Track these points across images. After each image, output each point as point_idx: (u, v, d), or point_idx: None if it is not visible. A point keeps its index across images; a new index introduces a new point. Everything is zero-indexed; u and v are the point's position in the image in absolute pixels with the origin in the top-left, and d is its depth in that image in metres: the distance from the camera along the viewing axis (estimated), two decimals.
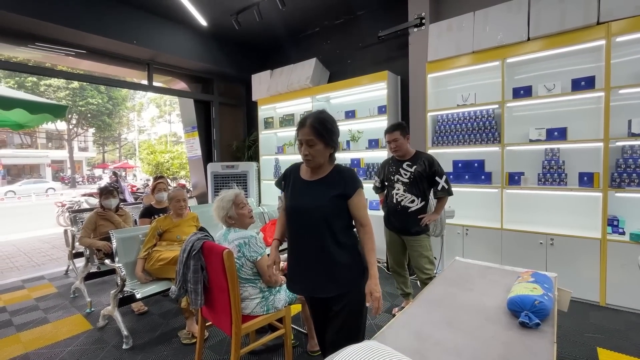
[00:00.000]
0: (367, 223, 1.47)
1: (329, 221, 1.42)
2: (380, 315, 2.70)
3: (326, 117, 1.44)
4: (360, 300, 1.45)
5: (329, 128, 1.42)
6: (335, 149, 1.47)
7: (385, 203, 2.66)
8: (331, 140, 1.43)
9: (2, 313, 2.95)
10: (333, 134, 1.43)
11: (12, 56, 5.64)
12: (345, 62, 4.94)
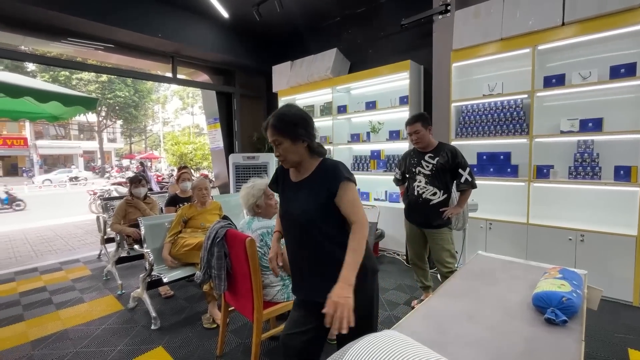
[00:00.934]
0: (357, 220, 1.25)
1: (320, 225, 1.29)
2: (399, 306, 2.71)
3: (285, 111, 1.31)
4: (367, 304, 1.33)
5: (290, 121, 1.27)
6: (308, 140, 1.29)
7: (405, 195, 2.63)
8: (295, 133, 1.26)
9: (43, 292, 3.18)
10: (296, 125, 1.27)
11: (47, 51, 5.94)
12: (366, 51, 4.85)
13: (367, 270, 1.30)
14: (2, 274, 3.74)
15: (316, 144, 1.33)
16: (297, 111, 1.31)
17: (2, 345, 2.27)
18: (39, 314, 2.73)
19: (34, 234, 6.10)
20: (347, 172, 1.29)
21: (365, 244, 1.25)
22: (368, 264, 1.31)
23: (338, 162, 1.32)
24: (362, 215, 1.26)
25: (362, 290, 1.24)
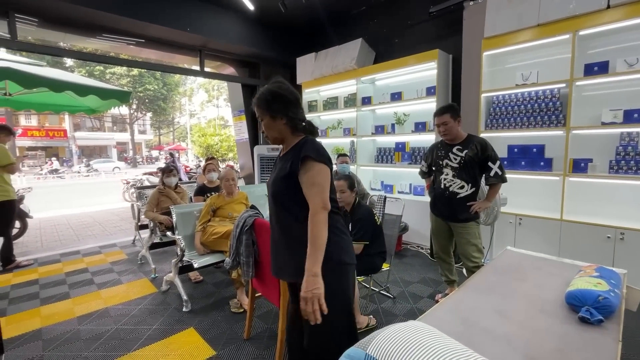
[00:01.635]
0: (311, 205, 1.19)
1: (282, 199, 1.28)
2: (423, 299, 2.70)
3: (264, 90, 1.30)
4: (337, 288, 1.24)
5: (268, 98, 1.27)
6: (286, 117, 1.26)
7: (432, 188, 2.59)
8: (272, 109, 1.26)
9: (85, 273, 3.43)
10: (273, 102, 1.26)
11: (84, 47, 6.22)
12: (392, 41, 4.75)
13: (331, 261, 1.21)
14: (49, 255, 4.07)
15: (301, 122, 1.29)
16: (276, 88, 1.28)
17: (53, 319, 2.49)
18: (83, 292, 2.95)
19: (75, 219, 6.55)
20: (314, 151, 1.22)
21: (323, 231, 1.17)
22: (334, 254, 1.24)
23: (312, 141, 1.26)
24: (317, 201, 1.18)
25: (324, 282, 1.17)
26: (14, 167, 3.50)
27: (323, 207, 1.18)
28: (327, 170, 1.22)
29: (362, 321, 2.25)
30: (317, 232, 1.16)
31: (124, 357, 2.03)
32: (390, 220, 2.72)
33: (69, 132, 24.53)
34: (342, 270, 1.30)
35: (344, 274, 1.30)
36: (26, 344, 2.17)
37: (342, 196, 2.36)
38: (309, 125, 1.31)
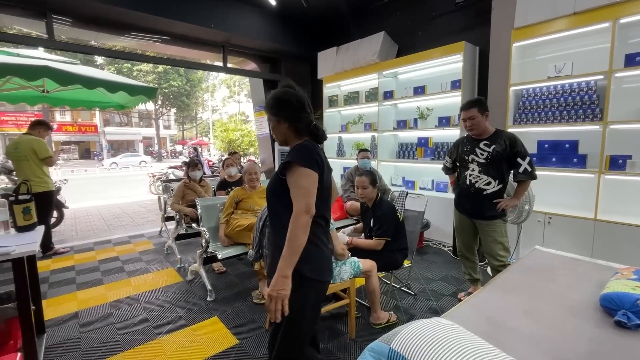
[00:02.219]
0: (295, 208, 1.17)
1: (274, 203, 1.29)
2: (445, 297, 2.66)
3: (271, 94, 1.32)
4: (293, 299, 1.17)
5: (272, 103, 1.29)
6: (289, 121, 1.27)
7: (456, 184, 2.53)
8: (276, 113, 1.28)
9: (116, 261, 3.62)
10: (278, 107, 1.28)
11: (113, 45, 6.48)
12: (415, 34, 4.63)
13: (298, 273, 1.18)
14: (84, 243, 4.31)
15: (306, 126, 1.28)
16: (282, 93, 1.29)
17: (88, 303, 2.65)
18: (115, 279, 3.12)
19: (106, 210, 6.90)
20: (299, 156, 1.20)
21: (301, 235, 1.14)
22: (302, 267, 1.19)
23: (303, 146, 1.24)
24: (300, 204, 1.16)
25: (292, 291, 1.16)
26: (52, 160, 3.71)
27: (306, 211, 1.15)
28: (313, 175, 1.19)
29: (383, 317, 2.25)
30: (294, 235, 1.14)
31: (153, 341, 2.13)
32: (412, 216, 2.69)
33: (99, 127, 25.69)
34: (303, 284, 1.22)
35: (300, 286, 1.20)
36: (65, 326, 2.32)
37: (363, 192, 2.35)
38: (314, 128, 1.29)
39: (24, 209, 2.03)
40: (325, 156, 1.34)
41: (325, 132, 1.33)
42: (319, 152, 1.24)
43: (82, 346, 2.09)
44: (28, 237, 1.94)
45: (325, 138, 1.33)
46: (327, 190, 1.31)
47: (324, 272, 1.29)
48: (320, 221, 1.27)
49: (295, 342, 1.29)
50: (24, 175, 3.52)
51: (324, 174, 1.26)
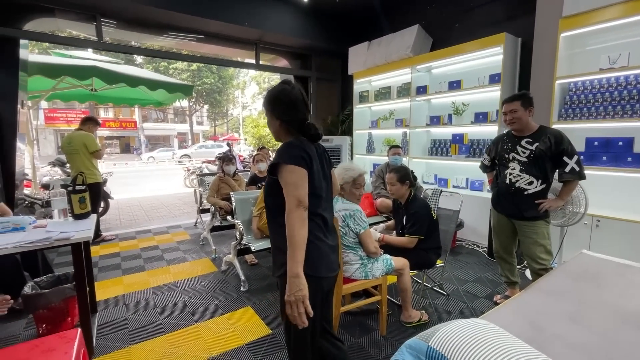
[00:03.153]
0: (288, 206, 1.15)
1: (269, 204, 1.30)
2: (479, 299, 2.58)
3: (267, 91, 1.33)
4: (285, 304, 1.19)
5: (266, 100, 1.31)
6: (280, 119, 1.28)
7: (494, 183, 2.43)
8: (267, 109, 1.31)
9: (156, 250, 3.85)
10: (270, 104, 1.30)
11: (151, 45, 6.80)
12: (451, 26, 4.46)
13: (286, 269, 1.17)
14: (127, 232, 4.62)
15: (300, 125, 1.27)
16: (276, 92, 1.29)
17: (133, 288, 2.84)
18: (155, 267, 3.32)
19: (145, 201, 7.32)
20: (283, 154, 1.19)
21: (300, 229, 1.12)
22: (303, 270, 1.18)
23: (287, 145, 1.23)
24: (291, 200, 1.14)
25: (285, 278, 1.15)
26: (100, 153, 4.00)
27: (298, 205, 1.13)
28: (298, 170, 1.17)
29: (414, 316, 2.22)
30: (292, 231, 1.12)
31: (192, 326, 2.26)
32: (447, 215, 2.62)
33: (138, 123, 27.19)
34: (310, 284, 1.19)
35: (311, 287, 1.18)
36: (113, 307, 2.52)
37: (391, 189, 2.33)
38: (307, 127, 1.28)
39: (80, 199, 2.21)
40: (321, 153, 1.34)
41: (319, 131, 1.30)
42: (306, 149, 1.22)
43: (129, 326, 2.25)
44: (84, 224, 2.11)
45: (319, 137, 1.30)
46: (322, 187, 1.29)
47: (320, 268, 1.26)
48: (314, 218, 1.25)
49: (306, 340, 1.29)
50: (76, 168, 3.82)
51: (314, 170, 1.23)
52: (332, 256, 1.33)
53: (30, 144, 5.53)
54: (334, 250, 1.35)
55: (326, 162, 1.38)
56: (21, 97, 4.02)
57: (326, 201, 1.33)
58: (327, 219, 1.32)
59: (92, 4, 3.99)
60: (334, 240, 1.36)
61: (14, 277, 2.32)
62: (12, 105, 3.80)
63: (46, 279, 2.30)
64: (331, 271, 1.32)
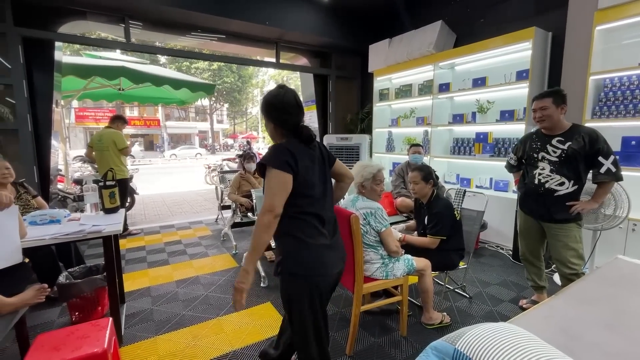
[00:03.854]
0: (261, 210, 1.20)
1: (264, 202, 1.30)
2: (504, 303, 2.50)
3: (264, 96, 1.37)
4: (284, 301, 1.36)
5: (263, 104, 1.36)
6: (273, 123, 1.34)
7: (522, 184, 2.34)
8: (263, 113, 1.37)
9: (179, 244, 3.96)
10: (264, 108, 1.35)
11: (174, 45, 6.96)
12: (476, 21, 4.33)
13: (283, 272, 1.30)
14: (151, 226, 4.79)
15: (293, 128, 1.32)
16: (270, 97, 1.34)
17: (157, 280, 2.94)
18: (179, 260, 3.42)
19: (168, 197, 7.55)
20: (269, 157, 1.25)
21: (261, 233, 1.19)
22: (285, 265, 1.29)
23: (275, 147, 1.29)
24: (264, 204, 1.19)
25: (280, 275, 1.32)
26: (128, 150, 4.15)
27: (269, 210, 1.19)
28: (280, 175, 1.21)
29: (436, 317, 2.18)
30: (256, 234, 1.20)
31: (213, 320, 2.31)
32: (470, 216, 2.55)
33: (161, 121, 28.05)
34: (291, 281, 1.32)
35: (293, 285, 1.32)
36: (139, 298, 2.61)
37: (415, 188, 2.29)
38: (299, 130, 1.32)
39: (110, 194, 2.31)
40: (319, 154, 1.37)
41: (312, 134, 1.35)
42: (293, 153, 1.25)
43: (154, 317, 2.33)
44: (113, 218, 2.20)
45: (312, 140, 1.34)
46: (315, 187, 1.31)
47: (312, 267, 1.29)
48: (305, 217, 1.29)
49: (306, 337, 1.35)
50: (105, 164, 3.99)
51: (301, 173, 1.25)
52: (329, 254, 1.35)
53: (63, 141, 5.83)
54: (332, 248, 1.36)
55: (326, 161, 1.41)
56: (56, 97, 4.23)
57: (322, 200, 1.35)
58: (323, 217, 1.33)
59: (121, 6, 4.14)
60: (332, 239, 1.37)
61: (50, 267, 2.45)
62: (48, 104, 4.01)
63: (79, 269, 2.42)
64: (327, 269, 1.33)
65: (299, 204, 1.27)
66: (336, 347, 2.00)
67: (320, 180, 1.35)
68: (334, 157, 1.47)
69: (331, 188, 1.45)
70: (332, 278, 1.38)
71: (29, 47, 3.79)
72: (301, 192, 1.26)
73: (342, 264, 1.41)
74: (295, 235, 1.28)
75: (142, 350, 1.98)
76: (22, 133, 3.72)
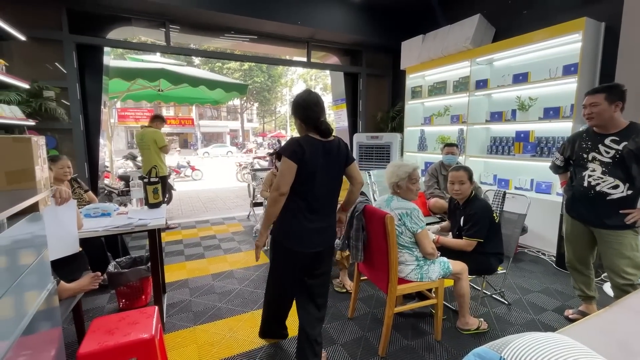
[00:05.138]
0: (272, 188, 1.55)
1: None
2: (547, 312, 2.37)
3: (294, 97, 1.67)
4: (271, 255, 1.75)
5: (292, 104, 1.66)
6: (299, 119, 1.62)
7: (569, 186, 2.20)
8: (292, 111, 1.66)
9: (214, 239, 4.13)
10: (294, 106, 1.64)
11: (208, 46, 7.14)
12: (519, 13, 4.10)
13: (274, 239, 1.68)
14: (188, 221, 5.02)
15: (314, 123, 1.59)
16: (297, 97, 1.64)
17: (194, 273, 3.09)
18: (214, 255, 3.56)
19: (202, 194, 7.87)
20: (284, 146, 1.57)
21: (270, 206, 1.54)
22: (276, 233, 1.65)
23: (291, 140, 1.58)
24: (274, 186, 1.53)
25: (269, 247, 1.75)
26: (167, 148, 4.38)
27: (275, 189, 1.52)
28: (287, 162, 1.51)
29: (472, 323, 2.11)
30: (267, 205, 1.57)
31: (247, 313, 2.39)
32: (510, 219, 2.44)
33: (195, 120, 29.23)
34: (277, 247, 1.68)
35: (277, 250, 1.69)
36: (179, 289, 2.75)
37: (461, 188, 2.21)
38: (319, 124, 1.59)
39: (154, 190, 2.45)
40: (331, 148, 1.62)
41: (329, 128, 1.61)
42: (302, 145, 1.53)
43: (192, 308, 2.45)
44: (157, 212, 2.34)
45: (329, 133, 1.61)
46: (315, 176, 1.57)
47: (290, 239, 1.61)
48: (299, 202, 1.59)
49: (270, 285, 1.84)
50: (147, 161, 4.23)
51: (305, 163, 1.52)
52: (309, 234, 1.62)
53: (109, 139, 6.25)
54: (318, 232, 1.65)
55: (342, 157, 1.67)
56: (103, 99, 4.55)
57: (320, 191, 1.61)
58: (313, 206, 1.61)
59: (163, 11, 4.36)
60: (319, 223, 1.64)
61: (100, 257, 2.65)
62: (97, 106, 4.32)
63: (125, 259, 2.60)
64: (301, 245, 1.62)
65: (297, 191, 1.57)
66: (368, 347, 2.00)
67: (323, 170, 1.59)
68: (353, 158, 1.73)
69: (339, 181, 1.71)
70: (308, 254, 1.65)
71: (81, 52, 4.10)
72: (300, 180, 1.55)
73: (321, 246, 1.68)
74: (286, 214, 1.59)
75: (182, 338, 2.09)
76: (75, 132, 4.04)
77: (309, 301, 1.76)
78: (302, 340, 1.71)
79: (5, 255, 0.97)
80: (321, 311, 1.78)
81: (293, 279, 1.73)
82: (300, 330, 1.74)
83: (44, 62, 3.88)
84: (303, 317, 1.74)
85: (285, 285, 1.77)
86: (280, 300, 1.86)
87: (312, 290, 1.76)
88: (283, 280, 1.75)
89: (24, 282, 1.05)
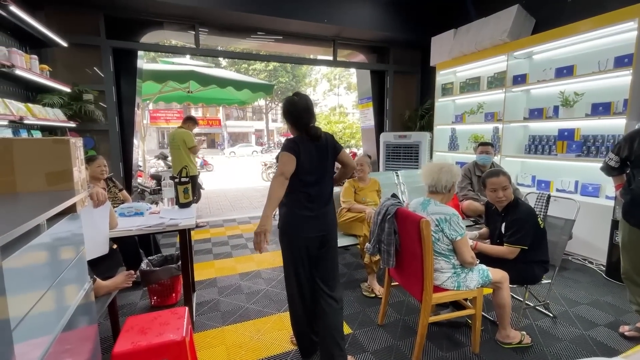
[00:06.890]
0: (275, 174, 1.67)
1: None
2: (598, 327, 2.16)
3: (283, 101, 1.78)
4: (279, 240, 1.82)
5: (282, 109, 1.78)
6: (289, 122, 1.76)
7: (626, 189, 1.99)
8: (283, 116, 1.78)
9: (241, 238, 4.16)
10: (283, 113, 1.77)
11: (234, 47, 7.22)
12: (561, 2, 3.81)
13: (281, 233, 1.78)
14: (216, 220, 5.12)
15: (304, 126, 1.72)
16: (286, 102, 1.75)
17: (222, 272, 3.12)
18: (240, 254, 3.59)
19: (229, 193, 8.02)
20: (283, 145, 1.71)
21: (274, 187, 1.60)
22: (280, 223, 1.78)
23: (287, 140, 1.73)
24: (277, 171, 1.65)
25: None
26: (196, 149, 4.47)
27: (279, 174, 1.63)
28: (286, 154, 1.65)
29: (514, 336, 1.96)
30: (271, 188, 1.61)
31: (274, 315, 2.36)
32: (556, 224, 2.25)
33: (222, 121, 30.00)
34: (282, 235, 1.78)
35: (282, 238, 1.79)
36: (207, 288, 2.78)
37: (505, 194, 2.05)
38: (309, 129, 1.71)
39: (184, 189, 2.48)
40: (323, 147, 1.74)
41: (319, 133, 1.72)
42: (297, 143, 1.68)
43: (221, 308, 2.46)
44: (187, 212, 2.36)
45: (318, 137, 1.72)
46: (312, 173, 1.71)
47: (294, 227, 1.74)
48: (298, 195, 1.71)
49: (287, 278, 1.86)
50: (178, 162, 4.34)
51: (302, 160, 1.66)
52: (310, 221, 1.73)
53: (142, 140, 6.50)
54: (315, 218, 1.74)
55: (330, 150, 1.78)
56: (137, 101, 4.72)
57: (314, 184, 1.73)
58: (311, 195, 1.72)
59: (194, 14, 4.45)
60: (318, 211, 1.75)
61: (133, 255, 2.73)
62: (132, 107, 4.49)
63: (157, 258, 2.65)
64: (304, 232, 1.73)
65: (295, 184, 1.69)
66: (400, 356, 1.90)
67: (315, 166, 1.73)
68: (340, 147, 1.85)
69: (330, 172, 1.81)
70: (310, 238, 1.75)
71: (117, 56, 4.27)
72: (298, 176, 1.68)
73: (321, 231, 1.77)
74: (288, 206, 1.74)
75: (211, 338, 2.09)
76: (111, 133, 4.22)
77: (320, 282, 1.80)
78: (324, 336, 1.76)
79: (49, 252, 0.99)
80: (334, 292, 1.80)
81: (302, 263, 1.79)
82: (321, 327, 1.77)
83: (84, 67, 4.07)
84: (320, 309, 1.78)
85: (298, 269, 1.80)
86: (298, 290, 1.84)
87: (319, 265, 1.81)
88: (295, 266, 1.80)
89: (65, 278, 1.07)
